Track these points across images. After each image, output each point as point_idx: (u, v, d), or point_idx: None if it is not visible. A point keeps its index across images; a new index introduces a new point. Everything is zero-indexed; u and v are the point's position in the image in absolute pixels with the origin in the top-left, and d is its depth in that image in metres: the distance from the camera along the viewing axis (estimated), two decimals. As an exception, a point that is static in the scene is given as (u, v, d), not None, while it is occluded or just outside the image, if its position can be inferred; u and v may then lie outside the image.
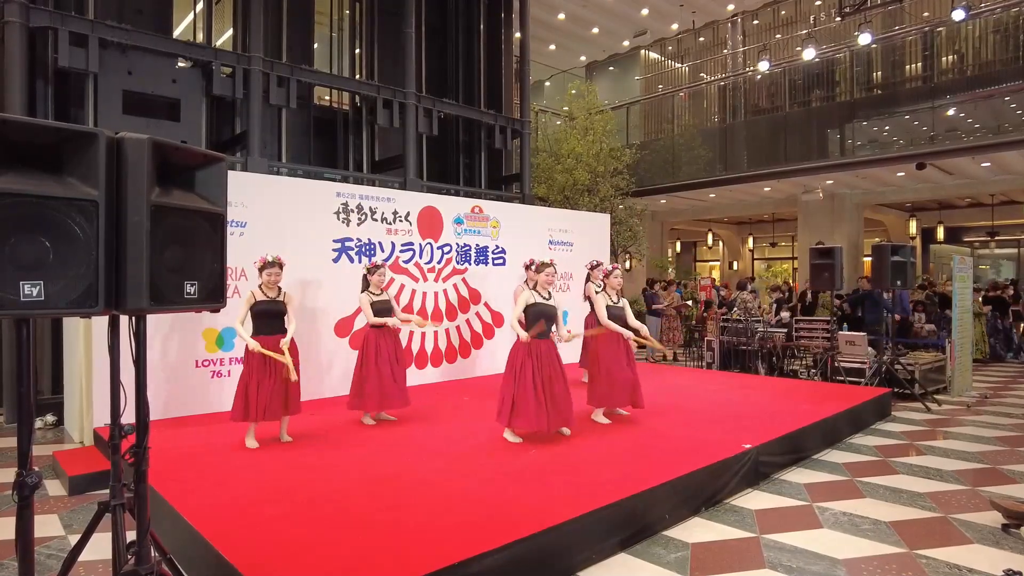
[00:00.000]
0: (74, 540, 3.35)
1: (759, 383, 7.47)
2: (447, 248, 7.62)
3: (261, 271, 4.68)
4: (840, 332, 8.40)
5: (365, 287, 5.39)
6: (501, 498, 3.47)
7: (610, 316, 5.21)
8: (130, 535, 2.22)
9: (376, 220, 6.96)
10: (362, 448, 4.58)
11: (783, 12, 16.40)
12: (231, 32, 8.16)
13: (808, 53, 11.89)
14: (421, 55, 9.50)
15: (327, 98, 9.47)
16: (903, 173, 13.36)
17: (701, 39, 17.77)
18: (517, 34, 10.88)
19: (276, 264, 4.68)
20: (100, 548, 2.61)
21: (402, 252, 7.16)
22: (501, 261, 8.20)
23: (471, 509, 3.31)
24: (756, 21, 16.98)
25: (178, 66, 7.11)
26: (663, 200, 16.59)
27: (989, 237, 17.65)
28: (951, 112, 11.63)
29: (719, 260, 23.07)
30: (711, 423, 5.21)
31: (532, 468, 4.01)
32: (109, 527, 2.21)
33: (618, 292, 5.41)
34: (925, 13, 13.08)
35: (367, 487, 3.69)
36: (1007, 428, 6.22)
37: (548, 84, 19.68)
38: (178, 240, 2.08)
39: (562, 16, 16.12)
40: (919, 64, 12.53)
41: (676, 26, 17.33)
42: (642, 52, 18.63)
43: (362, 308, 5.31)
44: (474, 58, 10.57)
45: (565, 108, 14.72)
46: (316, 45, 9.08)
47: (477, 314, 7.97)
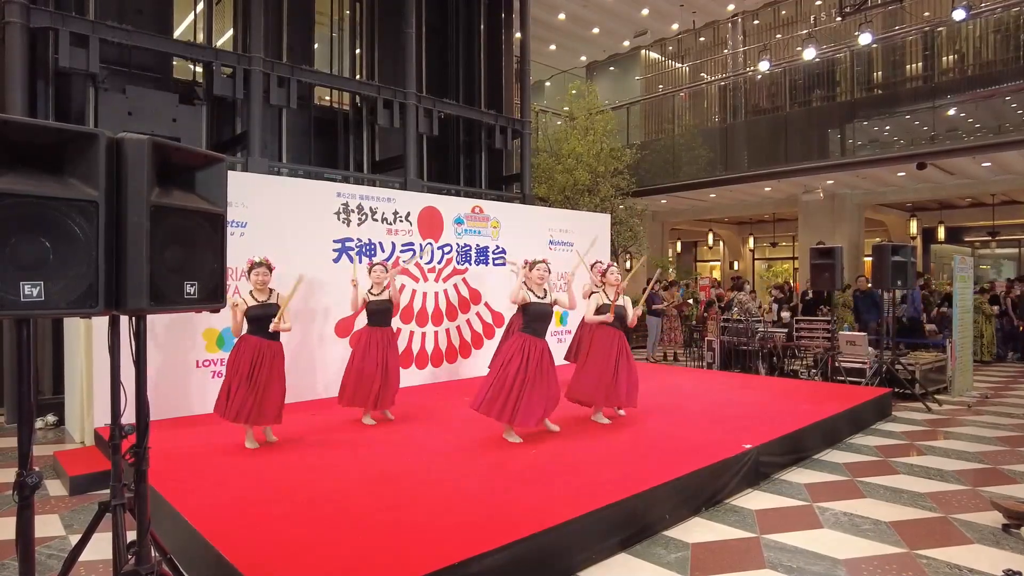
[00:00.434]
0: (75, 540, 3.35)
1: (759, 383, 7.47)
2: (447, 248, 7.62)
3: (249, 272, 4.61)
4: (841, 332, 8.40)
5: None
6: (501, 498, 3.48)
7: (613, 315, 5.20)
8: (130, 535, 2.22)
9: (376, 220, 6.97)
10: (362, 448, 4.58)
11: (783, 12, 16.39)
12: (231, 32, 8.17)
13: (808, 53, 11.89)
14: (421, 55, 9.50)
15: (327, 98, 9.47)
16: (904, 173, 13.35)
17: (701, 39, 17.77)
18: (517, 34, 10.88)
19: (263, 264, 4.60)
20: (101, 548, 2.61)
21: (403, 252, 7.16)
22: (501, 261, 8.20)
23: (471, 509, 3.31)
24: (756, 21, 16.97)
25: (178, 106, 7.09)
26: (663, 200, 16.58)
27: (990, 237, 17.64)
28: (952, 112, 11.62)
29: (720, 260, 23.06)
30: (711, 423, 5.21)
31: (532, 468, 4.01)
32: (110, 527, 2.21)
33: (617, 290, 5.29)
34: (926, 13, 13.08)
35: (367, 487, 3.69)
36: (1008, 428, 6.22)
37: (548, 84, 19.67)
38: (178, 240, 2.08)
39: (562, 16, 16.12)
40: (920, 64, 12.52)
41: (676, 26, 17.33)
42: (642, 52, 18.63)
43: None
44: (474, 58, 10.57)
45: (565, 108, 14.72)
46: (316, 45, 9.08)
47: (477, 314, 7.97)
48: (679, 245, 22.78)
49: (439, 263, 7.55)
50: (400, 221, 7.18)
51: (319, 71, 8.46)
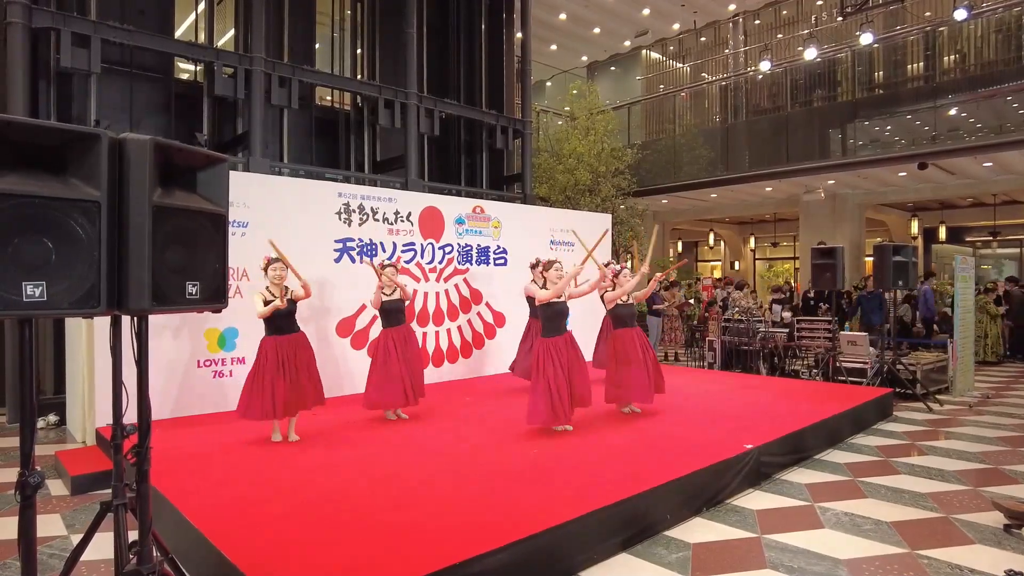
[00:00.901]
0: (76, 540, 3.35)
1: (760, 383, 7.46)
2: (448, 248, 7.62)
3: (266, 269, 4.69)
4: (842, 332, 8.39)
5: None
6: (502, 498, 3.48)
7: (620, 315, 5.52)
8: (132, 535, 2.23)
9: (378, 220, 6.97)
10: (362, 448, 4.59)
11: (784, 12, 16.38)
12: (232, 32, 8.17)
13: (810, 53, 11.87)
14: (422, 55, 9.50)
15: (329, 98, 9.48)
16: (905, 173, 13.33)
17: (702, 39, 17.76)
18: (518, 34, 10.88)
19: (280, 261, 4.71)
20: (102, 548, 2.62)
21: (404, 252, 7.17)
22: (502, 261, 8.20)
23: (471, 509, 3.31)
24: (757, 21, 16.96)
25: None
26: (664, 200, 16.57)
27: (991, 237, 17.62)
28: (953, 112, 11.60)
29: (720, 260, 23.06)
30: (712, 423, 5.21)
31: (533, 468, 4.01)
32: (111, 527, 2.22)
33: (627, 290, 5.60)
34: (927, 13, 13.06)
35: (368, 487, 3.69)
36: (1009, 428, 6.21)
37: (549, 84, 19.66)
38: (180, 241, 2.08)
39: (563, 16, 16.12)
40: (921, 64, 12.49)
41: (677, 26, 17.32)
42: (643, 52, 18.62)
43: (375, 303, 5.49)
44: (475, 58, 10.57)
45: (566, 108, 14.72)
46: (318, 45, 9.08)
47: (479, 314, 7.98)
48: (680, 245, 22.77)
49: (440, 263, 7.55)
50: (401, 221, 7.18)
51: (320, 71, 8.47)
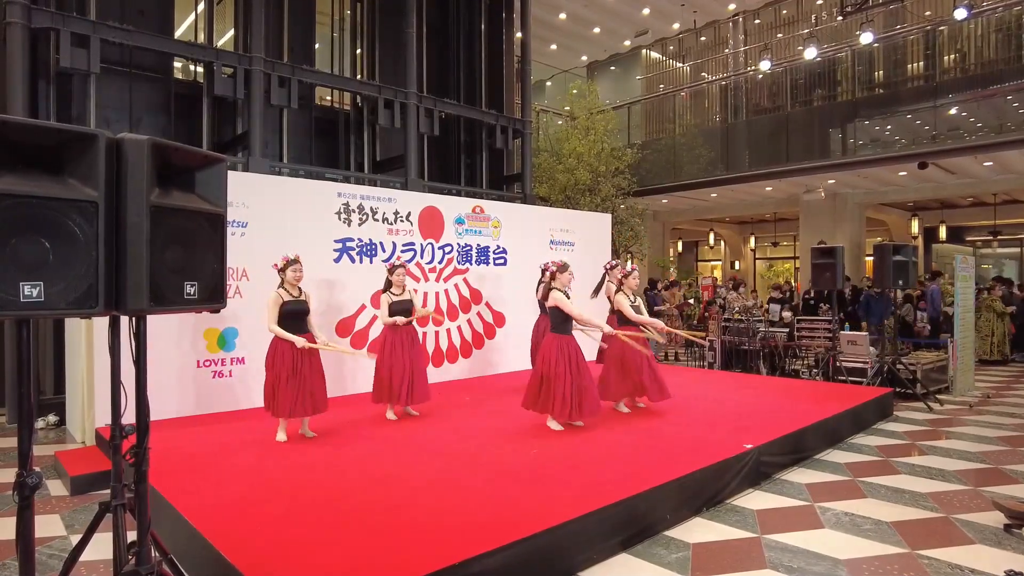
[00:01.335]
0: (75, 540, 3.34)
1: (760, 383, 7.46)
2: (448, 248, 7.62)
3: (285, 269, 4.74)
4: (842, 332, 8.39)
5: (387, 287, 5.53)
6: (501, 498, 3.47)
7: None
8: (131, 535, 2.22)
9: (377, 220, 6.97)
10: (362, 448, 4.59)
11: (784, 11, 16.36)
12: (232, 32, 8.17)
13: (810, 52, 11.87)
14: (422, 55, 9.50)
15: (328, 98, 9.47)
16: (905, 172, 13.33)
17: (702, 39, 17.74)
18: (518, 34, 10.87)
19: (298, 261, 4.78)
20: (101, 548, 2.62)
21: (403, 252, 7.16)
22: (502, 261, 8.20)
23: (471, 509, 3.31)
24: (757, 20, 16.94)
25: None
26: (664, 200, 16.57)
27: (992, 236, 17.61)
28: (953, 111, 11.60)
29: (721, 260, 23.05)
30: (712, 423, 5.21)
31: (532, 468, 4.01)
32: (110, 527, 2.21)
33: (634, 292, 5.71)
34: (927, 12, 13.04)
35: (367, 487, 3.69)
36: (1009, 428, 6.21)
37: (549, 84, 19.66)
38: (178, 241, 2.08)
39: (563, 16, 16.11)
40: (921, 63, 12.49)
41: (677, 26, 17.31)
42: (643, 52, 18.60)
43: (381, 307, 5.52)
44: (475, 58, 10.56)
45: (566, 108, 14.71)
46: (317, 45, 9.08)
47: (478, 314, 7.97)
48: (680, 245, 22.77)
49: (440, 263, 7.55)
50: (401, 221, 7.18)
51: (320, 71, 8.46)
